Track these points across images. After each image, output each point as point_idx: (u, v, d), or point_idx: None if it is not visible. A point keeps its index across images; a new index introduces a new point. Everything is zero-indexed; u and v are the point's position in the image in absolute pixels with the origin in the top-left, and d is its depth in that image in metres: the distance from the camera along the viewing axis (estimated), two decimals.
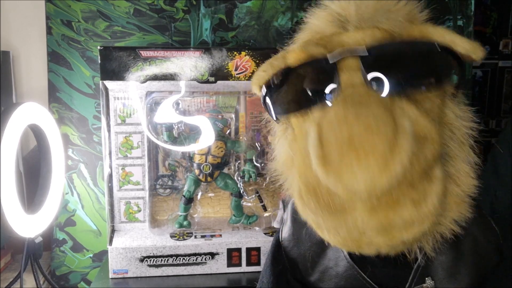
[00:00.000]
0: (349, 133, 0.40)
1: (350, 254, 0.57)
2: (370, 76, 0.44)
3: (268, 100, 0.52)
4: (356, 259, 0.57)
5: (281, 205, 0.99)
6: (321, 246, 0.60)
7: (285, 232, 0.66)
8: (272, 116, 0.53)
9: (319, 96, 0.46)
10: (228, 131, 0.98)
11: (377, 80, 0.45)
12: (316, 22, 0.54)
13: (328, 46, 0.48)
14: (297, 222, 0.63)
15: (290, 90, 0.50)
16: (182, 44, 1.11)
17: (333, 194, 0.43)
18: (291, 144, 0.54)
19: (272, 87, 0.52)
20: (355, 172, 0.39)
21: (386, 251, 0.46)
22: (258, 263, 0.93)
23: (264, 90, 0.53)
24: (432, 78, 0.46)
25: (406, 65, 0.46)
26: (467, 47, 0.46)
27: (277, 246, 0.67)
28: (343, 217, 0.43)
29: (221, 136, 0.95)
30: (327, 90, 0.46)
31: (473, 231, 0.55)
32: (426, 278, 0.54)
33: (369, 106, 0.41)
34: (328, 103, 0.46)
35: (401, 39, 0.48)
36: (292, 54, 0.51)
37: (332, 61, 0.46)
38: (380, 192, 0.39)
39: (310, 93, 0.48)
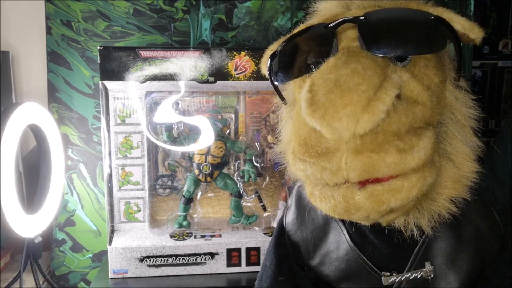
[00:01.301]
0: (336, 75, 0.41)
1: (351, 236, 0.58)
2: (371, 44, 0.45)
3: (272, 72, 0.53)
4: (357, 241, 0.57)
5: (280, 206, 0.99)
6: (324, 230, 0.61)
7: (289, 217, 0.67)
8: (278, 92, 0.54)
9: (318, 62, 0.46)
10: (227, 131, 0.98)
11: (385, 50, 0.45)
12: (323, 7, 0.56)
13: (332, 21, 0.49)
14: (301, 207, 0.64)
15: (292, 58, 0.51)
16: (181, 44, 1.11)
17: (320, 137, 0.44)
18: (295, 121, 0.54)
19: (275, 59, 0.53)
20: (338, 110, 0.40)
21: (376, 218, 0.46)
22: (257, 263, 0.93)
23: (268, 62, 0.54)
24: (424, 45, 0.46)
25: (400, 29, 0.46)
26: (465, 25, 0.47)
27: (281, 230, 0.67)
28: (328, 158, 0.43)
29: (221, 136, 0.95)
30: (325, 56, 0.47)
31: (474, 219, 0.55)
32: (426, 263, 0.54)
33: (358, 56, 0.43)
34: None
35: (396, 8, 0.49)
36: (296, 29, 0.53)
37: (330, 26, 0.47)
38: (362, 131, 0.40)
39: (310, 60, 0.48)
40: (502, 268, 0.56)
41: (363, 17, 0.46)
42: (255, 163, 0.98)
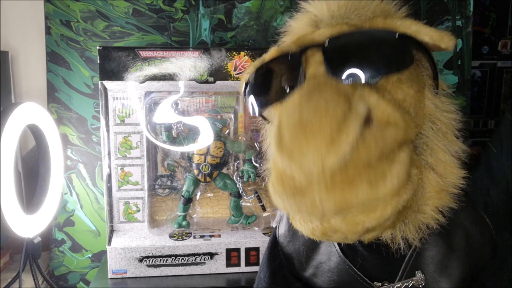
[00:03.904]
0: (299, 116, 0.41)
1: (341, 248, 0.58)
2: (336, 69, 0.45)
3: (246, 99, 0.54)
4: (347, 253, 0.58)
5: None
6: (315, 241, 0.61)
7: (281, 228, 0.67)
8: (253, 113, 0.54)
9: (290, 90, 0.47)
10: (227, 131, 0.98)
11: (347, 72, 0.45)
12: (296, 25, 0.57)
13: (301, 45, 0.50)
14: None
15: (264, 85, 0.52)
16: (181, 44, 1.11)
17: (292, 176, 0.43)
18: None
19: (248, 87, 0.53)
20: (303, 152, 0.40)
21: (354, 238, 0.46)
22: (257, 263, 0.93)
23: (242, 89, 0.54)
24: (388, 65, 0.46)
25: (364, 52, 0.46)
26: (434, 36, 0.46)
27: (274, 242, 0.68)
28: (303, 198, 0.43)
29: (220, 136, 0.95)
30: (293, 84, 0.47)
31: (464, 224, 0.55)
32: (416, 272, 0.54)
33: (322, 91, 0.42)
34: None
35: (360, 29, 0.49)
36: (269, 54, 0.53)
37: (295, 54, 0.48)
38: (330, 171, 0.40)
39: (281, 87, 0.49)
40: (496, 272, 0.56)
41: (327, 42, 0.46)
42: (254, 163, 0.98)
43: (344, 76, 0.44)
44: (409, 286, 0.54)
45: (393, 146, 0.43)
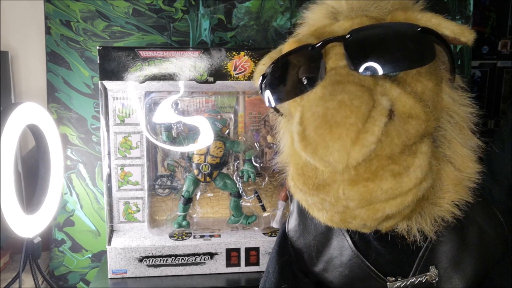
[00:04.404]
0: (324, 109, 0.41)
1: (354, 242, 0.58)
2: (358, 62, 0.45)
3: (263, 92, 0.53)
4: (361, 247, 0.57)
5: (280, 206, 0.99)
6: (326, 236, 0.61)
7: (291, 223, 0.67)
8: (270, 106, 0.54)
9: (309, 83, 0.46)
10: (227, 131, 0.98)
11: (367, 65, 0.45)
12: (312, 17, 0.56)
13: (320, 37, 0.49)
14: (303, 213, 0.64)
15: (282, 79, 0.51)
16: (181, 44, 1.11)
17: (316, 169, 0.44)
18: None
19: (266, 79, 0.53)
20: (328, 145, 0.40)
21: (373, 225, 0.46)
22: (257, 263, 0.93)
23: (259, 82, 0.54)
24: (412, 59, 0.46)
25: (386, 46, 0.46)
26: (455, 30, 0.46)
27: (283, 237, 0.67)
28: (326, 190, 0.43)
29: (220, 136, 0.95)
30: (314, 77, 0.47)
31: (478, 221, 0.55)
32: (430, 267, 0.54)
33: (345, 84, 0.43)
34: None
35: (381, 22, 0.49)
36: (286, 45, 0.52)
37: (316, 46, 0.47)
38: (355, 163, 0.40)
39: (300, 80, 0.48)
40: (507, 268, 0.56)
41: (349, 35, 0.46)
42: (254, 163, 0.98)
43: (366, 71, 0.44)
44: (423, 281, 0.54)
45: (415, 138, 0.43)
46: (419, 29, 0.46)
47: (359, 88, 0.42)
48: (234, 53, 0.88)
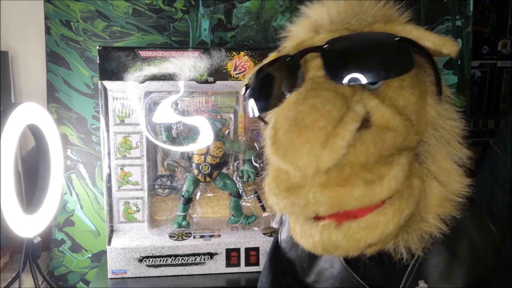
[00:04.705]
0: (295, 113, 0.41)
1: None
2: (335, 73, 0.44)
3: (247, 100, 0.54)
4: (350, 261, 0.57)
5: None
6: None
7: (284, 234, 0.67)
8: (253, 116, 0.54)
9: (289, 94, 0.46)
10: (227, 131, 0.98)
11: (351, 78, 0.45)
12: (296, 30, 0.56)
13: (300, 50, 0.49)
14: None
15: (264, 89, 0.51)
16: (181, 44, 1.11)
17: (288, 174, 0.44)
18: None
19: (247, 91, 0.53)
20: (297, 148, 0.40)
21: (356, 254, 0.46)
22: (256, 263, 0.93)
23: (241, 94, 0.54)
24: (388, 69, 0.45)
25: (363, 55, 0.45)
26: (436, 42, 0.45)
27: (276, 247, 0.67)
28: (296, 193, 0.43)
29: (220, 136, 0.95)
30: (292, 88, 0.46)
31: (469, 233, 0.55)
32: (419, 281, 0.54)
33: (319, 90, 0.42)
34: None
35: (358, 32, 0.49)
36: (267, 58, 0.53)
37: (294, 57, 0.47)
38: (325, 167, 0.40)
39: (280, 90, 0.48)
40: (499, 280, 0.56)
41: (326, 46, 0.46)
42: (254, 163, 0.98)
43: (343, 81, 0.44)
44: None
45: (392, 150, 0.42)
46: (396, 38, 0.45)
47: (333, 94, 0.42)
48: (234, 53, 0.88)
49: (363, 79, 0.43)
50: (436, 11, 1.16)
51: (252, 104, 0.52)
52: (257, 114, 0.52)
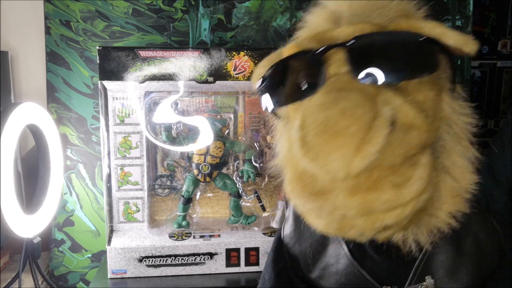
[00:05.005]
0: (325, 116, 0.41)
1: (350, 251, 0.57)
2: (360, 70, 0.44)
3: (261, 96, 0.53)
4: (357, 256, 0.57)
5: (280, 206, 0.99)
6: (322, 243, 0.61)
7: (287, 229, 0.66)
8: (267, 110, 0.53)
9: (309, 88, 0.46)
10: (226, 131, 0.98)
11: (368, 72, 0.45)
12: (313, 20, 0.55)
13: (321, 42, 0.49)
14: (299, 219, 0.63)
15: (283, 82, 0.51)
16: (180, 44, 1.11)
17: (314, 177, 0.43)
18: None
19: (264, 83, 0.52)
20: (329, 153, 0.40)
21: (370, 235, 0.46)
22: (256, 263, 0.93)
23: (258, 85, 0.53)
24: (414, 69, 0.45)
25: (390, 54, 0.45)
26: (458, 40, 0.46)
27: (279, 243, 0.67)
28: (324, 198, 0.43)
29: (220, 136, 0.95)
30: (315, 83, 0.46)
31: (474, 230, 0.55)
32: (426, 277, 0.54)
33: (348, 92, 0.42)
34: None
35: (385, 30, 0.48)
36: (287, 49, 0.52)
37: (318, 52, 0.47)
38: (356, 172, 0.40)
39: (300, 85, 0.48)
40: (504, 278, 0.56)
41: (352, 41, 0.45)
42: (254, 163, 0.98)
43: (369, 79, 0.44)
44: None
45: (416, 149, 0.43)
46: (423, 38, 0.45)
47: (362, 97, 0.42)
48: (234, 53, 0.88)
49: (388, 78, 0.44)
50: (436, 11, 1.16)
51: (268, 98, 0.51)
52: (272, 108, 0.52)
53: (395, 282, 0.55)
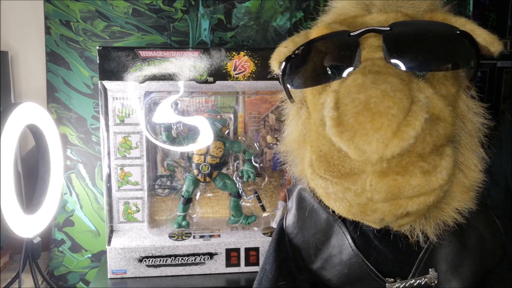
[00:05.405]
0: (366, 96, 0.40)
1: (354, 241, 0.57)
2: (394, 56, 0.44)
3: (286, 75, 0.52)
4: (361, 247, 0.57)
5: (280, 206, 0.99)
6: (326, 234, 0.60)
7: (289, 219, 0.66)
8: (287, 92, 0.53)
9: (339, 71, 0.46)
10: (226, 131, 0.98)
11: (402, 60, 0.45)
12: (341, 5, 0.55)
13: (351, 26, 0.49)
14: (302, 209, 0.63)
15: (311, 64, 0.50)
16: (180, 44, 1.10)
17: (344, 157, 0.43)
18: (305, 122, 0.54)
19: (291, 62, 0.51)
20: (367, 133, 0.39)
21: (391, 220, 0.46)
22: (256, 263, 0.93)
23: (283, 64, 0.52)
24: (450, 61, 0.46)
25: (425, 43, 0.45)
26: (487, 39, 0.46)
27: (281, 233, 0.67)
28: (352, 179, 0.43)
29: (220, 136, 0.95)
30: (347, 66, 0.46)
31: (478, 226, 0.56)
32: (430, 269, 0.54)
33: (386, 75, 0.42)
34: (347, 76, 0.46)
35: (421, 19, 0.49)
36: (315, 30, 0.51)
37: (354, 35, 0.46)
38: (392, 155, 0.40)
39: (330, 68, 0.47)
40: (505, 274, 0.56)
41: (389, 28, 0.45)
42: (254, 163, 0.98)
43: (404, 67, 0.43)
44: (422, 283, 0.54)
45: (444, 140, 0.43)
46: (458, 32, 0.45)
47: (400, 81, 0.41)
48: (234, 53, 0.88)
49: (423, 67, 0.44)
50: None
51: (292, 78, 0.51)
52: (295, 88, 0.51)
53: (398, 274, 0.55)
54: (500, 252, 0.56)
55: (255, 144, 0.99)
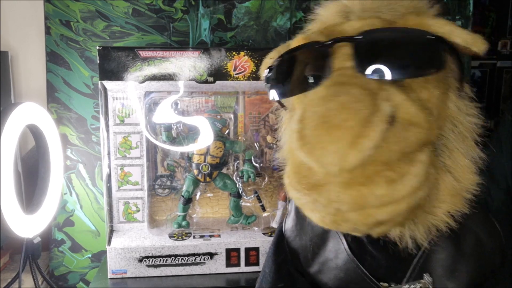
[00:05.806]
0: (324, 109, 0.41)
1: (350, 246, 0.58)
2: (364, 65, 0.44)
3: (269, 83, 0.53)
4: (356, 251, 0.57)
5: (280, 206, 0.99)
6: (322, 238, 0.61)
7: (288, 223, 0.67)
8: (273, 100, 0.53)
9: (315, 80, 0.46)
10: (226, 131, 0.98)
11: (374, 68, 0.45)
12: (324, 14, 0.55)
13: (331, 35, 0.49)
14: (300, 213, 0.63)
15: (289, 73, 0.51)
16: (181, 44, 1.11)
17: (310, 169, 0.44)
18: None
19: (271, 72, 0.52)
20: (325, 146, 0.40)
21: (364, 230, 0.46)
22: (256, 263, 0.93)
23: (265, 73, 0.53)
24: (421, 67, 0.45)
25: (396, 51, 0.45)
26: (467, 39, 0.46)
27: (280, 237, 0.67)
28: (318, 191, 0.43)
29: (220, 136, 0.95)
30: (320, 76, 0.46)
31: (476, 230, 0.55)
32: (424, 274, 0.54)
33: (349, 86, 0.42)
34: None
35: (393, 26, 0.48)
36: (295, 41, 0.52)
37: (325, 45, 0.47)
38: (350, 166, 0.40)
39: (306, 77, 0.48)
40: (504, 279, 0.56)
41: (360, 36, 0.45)
42: (254, 163, 0.98)
43: (372, 74, 0.44)
44: None
45: (414, 147, 0.43)
46: (430, 36, 0.45)
47: (362, 92, 0.42)
48: (234, 53, 0.88)
49: (393, 75, 0.43)
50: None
51: (274, 88, 0.52)
52: (277, 98, 0.52)
53: (393, 279, 0.55)
54: (500, 256, 0.56)
55: (255, 144, 0.99)
